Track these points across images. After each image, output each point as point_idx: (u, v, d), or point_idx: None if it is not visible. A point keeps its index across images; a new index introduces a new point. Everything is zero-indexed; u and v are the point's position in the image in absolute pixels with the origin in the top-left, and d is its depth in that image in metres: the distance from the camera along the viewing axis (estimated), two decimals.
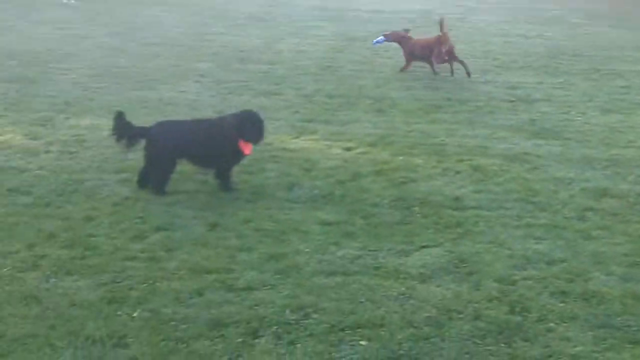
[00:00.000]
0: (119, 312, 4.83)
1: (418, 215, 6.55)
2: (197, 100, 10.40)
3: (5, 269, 5.35)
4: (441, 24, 12.01)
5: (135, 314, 4.81)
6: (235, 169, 7.24)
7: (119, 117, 6.94)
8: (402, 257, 5.72)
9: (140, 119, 9.29)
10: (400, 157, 8.06)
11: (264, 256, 5.66)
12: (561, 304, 5.06)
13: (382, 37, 12.82)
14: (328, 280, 5.31)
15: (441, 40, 11.89)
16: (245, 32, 16.56)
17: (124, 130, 6.86)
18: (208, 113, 9.72)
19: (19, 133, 8.53)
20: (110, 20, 17.15)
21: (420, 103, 10.55)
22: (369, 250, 5.82)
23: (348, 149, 8.34)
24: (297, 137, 8.69)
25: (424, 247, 5.90)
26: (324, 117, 9.66)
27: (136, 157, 7.79)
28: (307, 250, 5.78)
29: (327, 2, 22.51)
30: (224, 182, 6.98)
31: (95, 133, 8.63)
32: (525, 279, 5.41)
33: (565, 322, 4.84)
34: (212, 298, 5.03)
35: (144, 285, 5.19)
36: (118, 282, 5.23)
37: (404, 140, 8.73)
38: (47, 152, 7.95)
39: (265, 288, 5.19)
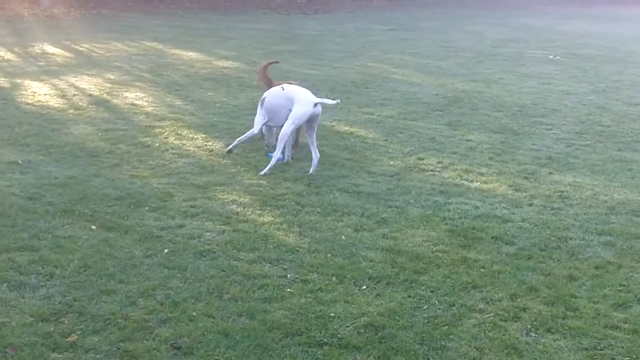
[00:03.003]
0: None
1: None
2: None
3: (487, 315, 5.53)
4: None
5: None
6: None
7: None
8: None
9: (624, 181, 9.07)
10: None
11: None
12: None
13: None
14: None
15: None
16: None
17: None
18: None
19: (504, 183, 8.79)
20: (595, 78, 17.00)
21: None
22: None
23: None
24: None
25: None
26: None
27: (619, 220, 7.57)
28: None
29: None
30: None
31: (578, 191, 8.54)
32: None
33: None
34: None
35: (627, 358, 4.96)
36: (599, 350, 5.07)
37: None
38: (530, 204, 8.06)
39: None
